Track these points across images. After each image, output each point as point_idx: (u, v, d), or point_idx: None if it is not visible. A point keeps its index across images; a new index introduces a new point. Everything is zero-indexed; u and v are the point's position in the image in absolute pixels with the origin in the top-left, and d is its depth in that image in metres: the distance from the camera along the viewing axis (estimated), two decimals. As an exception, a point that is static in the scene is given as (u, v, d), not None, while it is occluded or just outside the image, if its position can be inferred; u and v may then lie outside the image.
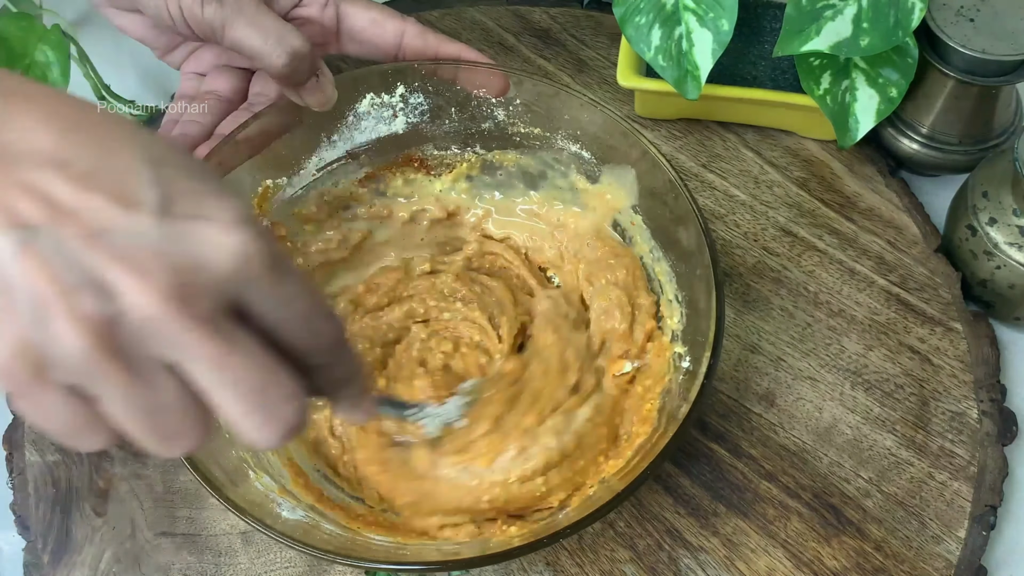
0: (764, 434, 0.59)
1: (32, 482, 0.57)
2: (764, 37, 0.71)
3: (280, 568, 0.54)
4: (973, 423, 0.59)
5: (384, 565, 0.45)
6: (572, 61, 0.75)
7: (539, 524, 0.51)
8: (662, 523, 0.56)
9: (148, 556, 0.55)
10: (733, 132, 0.71)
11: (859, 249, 0.66)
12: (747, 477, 0.57)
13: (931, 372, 0.61)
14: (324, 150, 0.60)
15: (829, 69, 0.63)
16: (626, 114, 0.69)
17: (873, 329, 0.62)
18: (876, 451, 0.58)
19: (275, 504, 0.49)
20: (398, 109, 0.60)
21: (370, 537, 0.50)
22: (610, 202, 0.59)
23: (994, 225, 0.60)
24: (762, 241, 0.66)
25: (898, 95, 0.62)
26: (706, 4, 0.61)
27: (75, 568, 0.54)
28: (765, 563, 0.55)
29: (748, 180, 0.69)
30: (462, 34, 0.76)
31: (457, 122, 0.61)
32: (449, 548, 0.50)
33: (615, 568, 0.54)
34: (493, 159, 0.62)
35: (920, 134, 0.66)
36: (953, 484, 0.57)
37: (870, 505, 0.56)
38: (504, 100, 0.59)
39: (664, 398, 0.53)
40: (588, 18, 0.77)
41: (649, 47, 0.63)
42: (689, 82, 0.62)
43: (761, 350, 0.62)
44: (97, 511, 0.56)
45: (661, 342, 0.56)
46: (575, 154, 0.60)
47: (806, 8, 0.59)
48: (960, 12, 0.61)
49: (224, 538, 0.55)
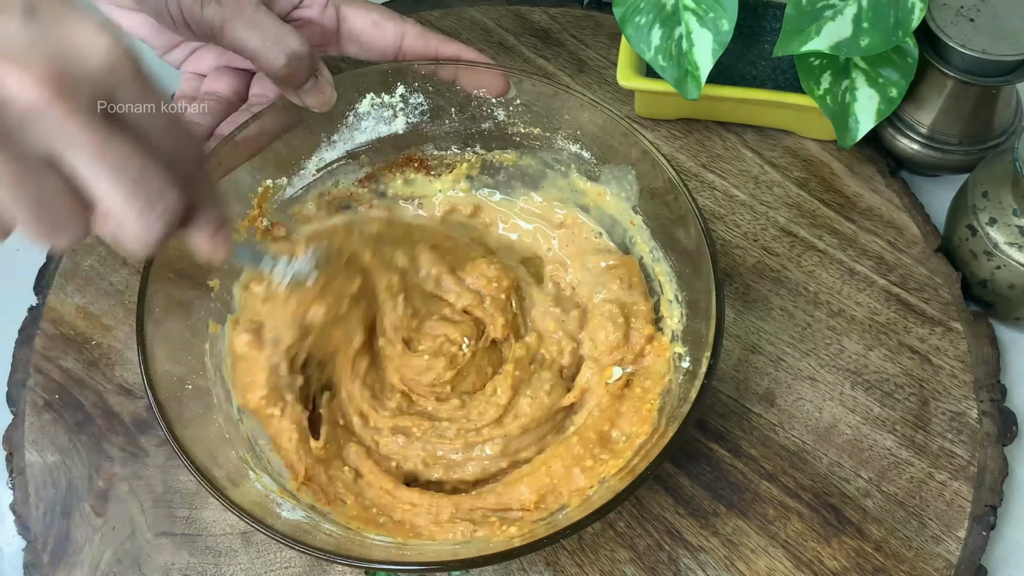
0: (764, 434, 0.59)
1: (32, 482, 0.57)
2: (764, 37, 0.71)
3: (280, 568, 0.54)
4: (973, 423, 0.59)
5: (384, 565, 0.45)
6: (572, 61, 0.75)
7: (539, 524, 0.51)
8: (662, 523, 0.56)
9: (148, 556, 0.55)
10: (733, 132, 0.71)
11: (859, 249, 0.66)
12: (747, 477, 0.57)
13: (931, 372, 0.61)
14: (324, 150, 0.60)
15: (829, 69, 0.63)
16: (626, 114, 0.69)
17: (873, 329, 0.62)
18: (876, 451, 0.58)
19: (275, 504, 0.49)
20: (398, 109, 0.60)
21: (370, 537, 0.50)
22: (610, 204, 0.60)
23: (994, 225, 0.60)
24: (762, 241, 0.66)
25: (898, 95, 0.62)
26: (706, 4, 0.61)
27: (75, 568, 0.54)
28: (765, 563, 0.55)
29: (748, 180, 0.69)
30: (462, 34, 0.76)
31: (457, 122, 0.61)
32: (449, 548, 0.50)
33: (615, 568, 0.54)
34: (493, 159, 0.62)
35: (920, 134, 0.66)
36: (953, 484, 0.57)
37: (870, 505, 0.56)
38: (504, 100, 0.59)
39: (664, 398, 0.53)
40: (588, 18, 0.77)
41: (649, 47, 0.63)
42: (689, 82, 0.62)
43: (761, 350, 0.62)
44: (97, 511, 0.56)
45: (661, 342, 0.56)
46: (575, 154, 0.60)
47: (806, 8, 0.59)
48: (960, 12, 0.61)
49: (224, 538, 0.55)
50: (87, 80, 0.32)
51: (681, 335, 0.55)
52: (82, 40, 0.32)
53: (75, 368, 0.61)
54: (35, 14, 0.32)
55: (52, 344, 0.62)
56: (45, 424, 0.59)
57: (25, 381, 0.60)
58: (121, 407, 0.59)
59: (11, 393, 0.60)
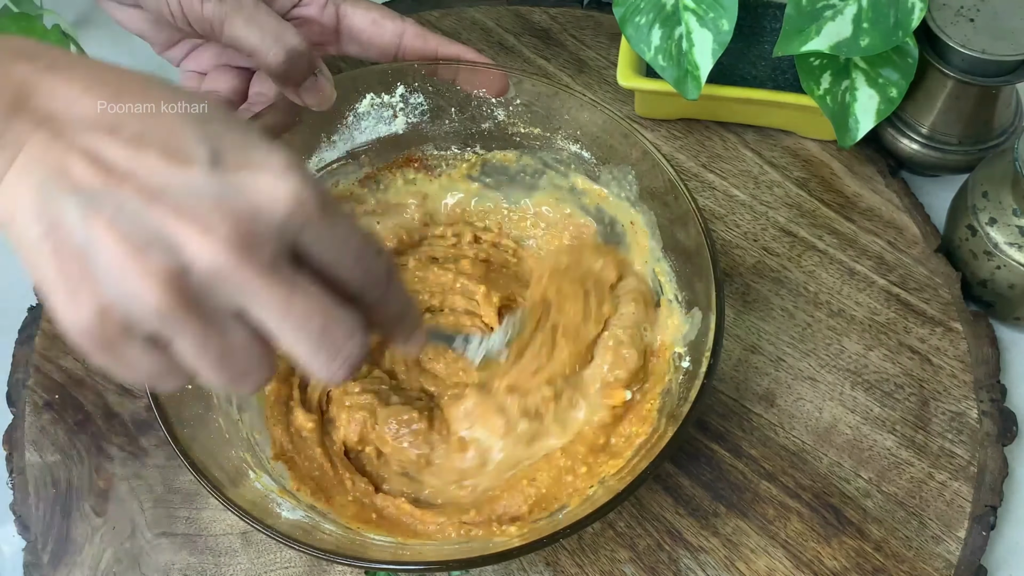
0: (764, 434, 0.59)
1: (32, 482, 0.57)
2: (764, 37, 0.71)
3: (280, 568, 0.54)
4: (973, 423, 0.59)
5: (384, 565, 0.45)
6: (572, 61, 0.75)
7: (539, 524, 0.51)
8: (662, 523, 0.56)
9: (148, 556, 0.55)
10: (733, 132, 0.71)
11: (859, 249, 0.66)
12: (747, 477, 0.57)
13: (931, 372, 0.61)
14: (324, 150, 0.60)
15: (829, 69, 0.63)
16: (626, 114, 0.69)
17: (873, 329, 0.62)
18: (876, 451, 0.58)
19: (275, 504, 0.49)
20: (398, 109, 0.60)
21: (369, 537, 0.50)
22: (610, 205, 0.60)
23: (994, 225, 0.60)
24: (762, 241, 0.66)
25: (898, 95, 0.62)
26: (706, 4, 0.61)
27: (75, 568, 0.54)
28: (765, 563, 0.55)
29: (748, 180, 0.69)
30: (462, 34, 0.76)
31: (457, 122, 0.61)
32: (449, 548, 0.50)
33: (615, 568, 0.54)
34: (493, 159, 0.62)
35: (920, 134, 0.66)
36: (953, 484, 0.57)
37: (870, 505, 0.56)
38: (504, 100, 0.59)
39: (664, 398, 0.53)
40: (588, 18, 0.77)
41: (649, 47, 0.63)
42: (689, 82, 0.62)
43: (761, 350, 0.62)
44: (97, 511, 0.56)
45: (661, 342, 0.56)
46: (575, 154, 0.60)
47: (806, 8, 0.59)
48: (960, 12, 0.61)
49: (224, 538, 0.55)
50: (273, 234, 0.32)
51: (681, 335, 0.55)
52: (268, 189, 0.32)
53: (75, 368, 0.61)
54: (220, 163, 0.32)
55: (52, 344, 0.62)
56: (45, 424, 0.59)
57: (25, 381, 0.60)
58: (121, 407, 0.59)
59: (11, 393, 0.60)
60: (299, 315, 0.32)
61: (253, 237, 0.31)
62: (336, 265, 0.34)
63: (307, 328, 0.33)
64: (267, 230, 0.31)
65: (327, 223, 0.33)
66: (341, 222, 0.34)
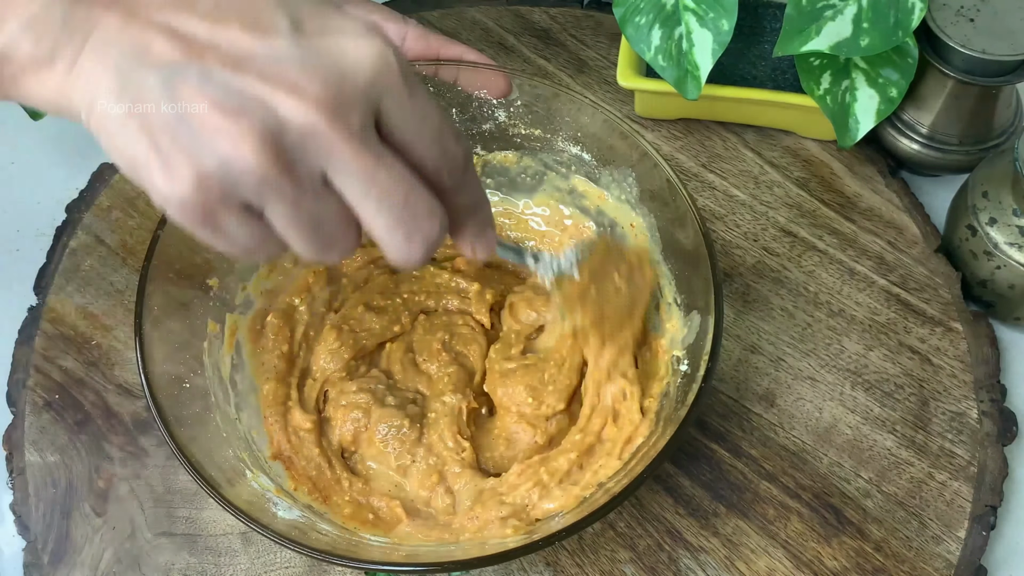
0: (764, 434, 0.59)
1: (32, 482, 0.57)
2: (764, 37, 0.71)
3: (279, 568, 0.54)
4: (973, 423, 0.59)
5: (382, 566, 0.45)
6: (572, 61, 0.75)
7: (539, 524, 0.51)
8: (662, 523, 0.56)
9: (148, 556, 0.55)
10: (733, 132, 0.71)
11: (859, 249, 0.66)
12: (747, 477, 0.57)
13: (931, 372, 0.61)
14: (324, 150, 0.60)
15: (829, 69, 0.63)
16: (626, 114, 0.69)
17: (873, 329, 0.62)
18: (876, 451, 0.58)
19: (271, 504, 0.49)
20: (398, 109, 0.60)
21: (365, 537, 0.50)
22: (610, 206, 0.59)
23: (994, 225, 0.60)
24: (762, 241, 0.66)
25: (898, 95, 0.62)
26: (706, 4, 0.61)
27: (75, 568, 0.54)
28: (765, 563, 0.55)
29: (748, 180, 0.69)
30: (462, 34, 0.76)
31: (458, 123, 0.61)
32: (448, 548, 0.50)
33: (615, 568, 0.54)
34: (494, 160, 0.62)
35: (920, 134, 0.66)
36: (953, 484, 0.57)
37: (870, 505, 0.56)
38: (505, 101, 0.59)
39: (662, 400, 0.53)
40: (588, 18, 0.77)
41: (649, 47, 0.63)
42: (689, 82, 0.62)
43: (761, 350, 0.62)
44: (97, 511, 0.56)
45: (660, 344, 0.56)
46: (576, 156, 0.60)
47: (806, 8, 0.59)
48: (960, 12, 0.61)
49: (224, 538, 0.55)
50: (360, 96, 0.32)
51: (680, 338, 0.55)
52: (350, 51, 0.32)
53: (75, 368, 0.61)
54: (301, 29, 0.32)
55: (52, 344, 0.62)
56: (45, 424, 0.59)
57: (25, 381, 0.60)
58: (121, 407, 0.59)
59: (11, 393, 0.60)
60: (383, 186, 0.33)
61: (343, 97, 0.32)
62: (416, 143, 0.34)
63: (389, 200, 0.33)
64: (354, 91, 0.32)
65: (408, 92, 0.34)
66: (420, 93, 0.34)
